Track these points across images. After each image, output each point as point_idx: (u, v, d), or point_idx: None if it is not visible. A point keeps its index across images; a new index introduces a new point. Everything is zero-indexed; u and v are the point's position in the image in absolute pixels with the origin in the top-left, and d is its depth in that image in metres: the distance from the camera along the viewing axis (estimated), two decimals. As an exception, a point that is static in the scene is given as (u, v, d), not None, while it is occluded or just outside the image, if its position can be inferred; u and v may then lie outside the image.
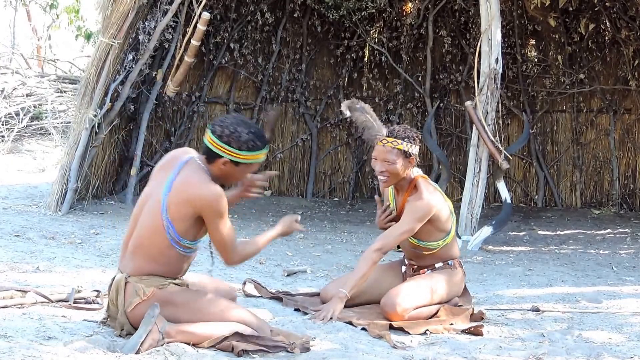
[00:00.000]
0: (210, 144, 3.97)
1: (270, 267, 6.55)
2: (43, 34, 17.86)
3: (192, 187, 3.91)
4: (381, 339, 4.40)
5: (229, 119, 4.01)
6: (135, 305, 3.93)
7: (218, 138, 3.95)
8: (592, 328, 4.90)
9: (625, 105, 11.60)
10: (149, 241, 3.96)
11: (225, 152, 3.95)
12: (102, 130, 8.55)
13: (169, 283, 4.00)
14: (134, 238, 4.02)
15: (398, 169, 4.86)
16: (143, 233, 3.98)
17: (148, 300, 3.92)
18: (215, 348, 3.91)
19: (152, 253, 3.96)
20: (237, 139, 3.94)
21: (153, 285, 3.95)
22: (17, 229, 7.12)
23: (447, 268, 5.08)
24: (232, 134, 3.94)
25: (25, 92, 13.88)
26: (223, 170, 4.00)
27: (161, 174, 4.06)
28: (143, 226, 3.99)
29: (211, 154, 3.99)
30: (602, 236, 9.33)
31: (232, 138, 3.94)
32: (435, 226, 4.95)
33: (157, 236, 3.94)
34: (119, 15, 8.31)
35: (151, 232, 3.95)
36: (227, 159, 3.96)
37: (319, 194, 11.83)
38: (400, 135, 4.89)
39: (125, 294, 3.96)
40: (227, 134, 3.94)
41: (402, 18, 11.78)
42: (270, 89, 11.57)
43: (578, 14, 11.25)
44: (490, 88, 7.94)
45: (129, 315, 3.96)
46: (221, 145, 3.95)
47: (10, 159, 12.07)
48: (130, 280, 3.97)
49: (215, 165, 4.00)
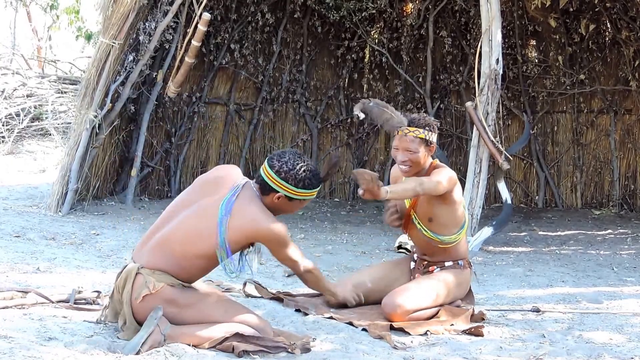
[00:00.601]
0: (267, 178, 4.10)
1: (270, 267, 6.55)
2: (43, 35, 17.86)
3: (255, 221, 4.03)
4: (382, 339, 4.40)
5: (287, 155, 4.15)
6: (144, 297, 3.93)
7: (276, 174, 4.08)
8: (593, 329, 4.89)
9: (626, 106, 11.60)
10: (187, 243, 3.98)
11: (282, 188, 4.09)
12: (103, 131, 8.55)
13: (180, 284, 4.01)
14: (165, 233, 4.04)
15: (420, 157, 4.89)
16: (184, 233, 4.00)
17: (156, 294, 3.92)
18: (215, 349, 3.91)
19: (181, 254, 3.98)
20: (294, 176, 4.09)
21: (164, 281, 3.96)
22: (18, 230, 7.13)
23: (456, 268, 5.07)
24: (290, 171, 4.08)
25: (25, 93, 13.88)
26: (276, 203, 4.14)
27: (211, 188, 4.13)
28: (187, 228, 4.01)
29: (267, 187, 4.11)
30: (603, 237, 9.33)
31: (290, 175, 4.08)
32: (452, 210, 4.96)
33: (201, 243, 3.98)
34: (119, 16, 8.31)
35: (196, 236, 3.98)
36: (282, 194, 4.10)
37: (319, 195, 11.82)
38: (421, 124, 4.92)
39: (134, 284, 3.96)
40: (285, 171, 4.08)
41: (402, 19, 11.78)
42: (271, 89, 11.57)
43: (578, 15, 11.25)
44: (491, 89, 7.94)
45: (135, 307, 3.96)
46: (278, 180, 4.09)
47: (10, 159, 12.07)
48: (142, 271, 3.97)
49: (268, 197, 4.13)
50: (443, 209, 4.95)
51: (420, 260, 5.17)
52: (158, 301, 3.92)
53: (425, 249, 5.12)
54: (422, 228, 5.00)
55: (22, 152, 12.56)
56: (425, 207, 4.98)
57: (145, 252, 4.05)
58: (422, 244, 5.11)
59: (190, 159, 10.96)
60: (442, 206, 4.94)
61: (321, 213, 10.55)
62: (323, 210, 10.83)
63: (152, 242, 4.06)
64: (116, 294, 4.06)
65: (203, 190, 4.14)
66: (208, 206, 4.04)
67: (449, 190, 4.88)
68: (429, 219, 4.98)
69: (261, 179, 4.12)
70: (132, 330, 3.95)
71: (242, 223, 4.00)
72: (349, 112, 11.88)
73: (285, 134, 11.83)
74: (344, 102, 11.97)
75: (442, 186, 4.83)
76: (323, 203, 11.36)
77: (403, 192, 4.73)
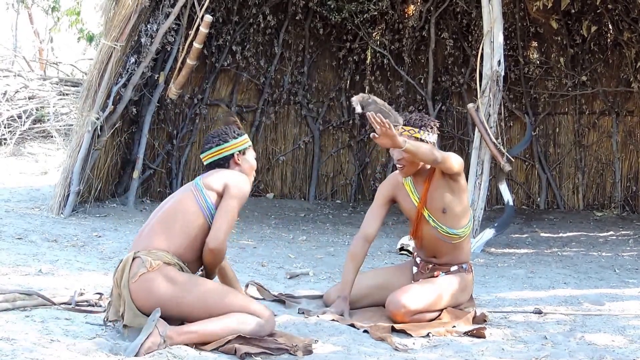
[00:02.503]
0: (214, 156, 4.37)
1: (272, 269, 6.55)
2: (45, 37, 17.89)
3: (222, 172, 4.30)
4: (383, 341, 4.40)
5: (208, 137, 4.43)
6: (140, 276, 3.93)
7: (215, 147, 4.37)
8: (595, 330, 4.89)
9: (628, 107, 11.60)
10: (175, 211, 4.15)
11: (229, 148, 4.37)
12: (105, 133, 8.56)
13: (177, 262, 4.04)
14: (160, 216, 4.19)
15: None
16: (174, 208, 4.18)
17: (153, 271, 3.93)
18: (218, 351, 3.91)
19: (174, 224, 4.10)
20: (224, 136, 4.38)
21: (161, 259, 3.98)
22: (20, 232, 7.13)
23: (461, 272, 5.06)
24: (219, 136, 4.39)
25: (27, 95, 13.89)
26: (240, 166, 4.39)
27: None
28: (175, 203, 4.21)
29: (221, 160, 4.37)
30: (605, 238, 9.32)
31: (221, 138, 4.38)
32: (462, 200, 4.98)
33: (187, 207, 4.14)
34: (121, 18, 8.32)
35: (184, 207, 4.15)
36: (235, 152, 4.36)
37: (321, 197, 11.83)
38: (417, 123, 4.91)
39: (131, 268, 3.98)
40: (216, 140, 4.38)
41: (404, 20, 11.79)
42: (273, 91, 11.58)
43: (580, 16, 11.26)
44: (493, 90, 7.94)
45: (132, 288, 3.95)
46: (221, 148, 4.35)
47: (12, 161, 12.09)
48: (139, 254, 4.01)
49: (231, 168, 4.37)
50: (455, 197, 4.94)
51: (425, 264, 5.14)
52: (156, 280, 3.92)
53: (435, 250, 5.08)
54: (437, 224, 4.97)
55: (24, 154, 12.57)
56: (437, 199, 4.96)
57: (144, 238, 4.13)
58: (433, 244, 5.06)
59: (192, 161, 10.97)
60: (454, 194, 4.93)
61: (323, 215, 10.55)
62: (325, 212, 10.83)
63: (150, 227, 4.17)
64: (115, 289, 4.06)
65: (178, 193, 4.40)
66: (186, 188, 4.30)
67: (459, 172, 4.88)
68: (442, 211, 4.95)
69: (212, 163, 4.37)
70: (131, 315, 3.94)
71: (210, 175, 4.29)
72: (351, 113, 11.89)
73: (287, 136, 11.84)
74: (346, 103, 11.97)
75: (455, 162, 4.82)
76: (325, 205, 11.36)
77: (420, 148, 4.62)
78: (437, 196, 4.95)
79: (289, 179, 11.82)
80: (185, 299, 3.97)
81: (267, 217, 9.96)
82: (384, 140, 4.46)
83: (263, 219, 9.72)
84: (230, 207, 4.14)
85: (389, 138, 4.44)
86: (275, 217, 9.97)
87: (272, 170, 11.74)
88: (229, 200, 4.15)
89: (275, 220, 9.80)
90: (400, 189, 5.12)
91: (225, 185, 4.17)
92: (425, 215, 4.99)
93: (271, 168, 11.72)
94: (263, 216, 9.97)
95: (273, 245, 7.81)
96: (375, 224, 5.10)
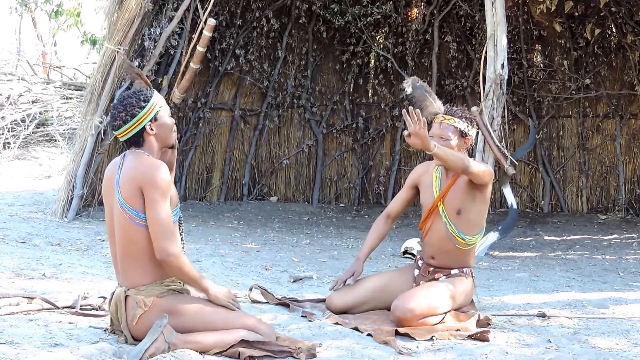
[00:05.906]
0: (126, 134, 4.01)
1: (276, 273, 6.55)
2: (48, 41, 17.92)
3: (132, 167, 3.97)
4: (387, 345, 4.39)
5: (110, 110, 4.08)
6: (139, 317, 3.93)
7: (123, 123, 3.99)
8: (599, 334, 4.88)
9: (632, 111, 11.59)
10: (128, 242, 3.94)
11: (139, 122, 3.99)
12: (108, 136, 8.56)
13: (168, 290, 4.00)
14: (119, 255, 4.02)
15: (453, 146, 4.88)
16: (123, 243, 3.97)
17: (150, 310, 3.92)
18: (222, 355, 3.91)
19: (136, 255, 3.94)
20: (130, 107, 3.98)
21: (152, 294, 3.95)
22: (24, 236, 7.13)
23: (461, 276, 5.05)
24: (124, 109, 3.98)
25: (31, 99, 13.91)
26: (157, 136, 4.05)
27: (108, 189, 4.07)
28: (121, 236, 3.98)
29: (135, 137, 4.02)
30: (609, 241, 9.31)
31: (128, 110, 3.98)
32: (481, 210, 4.98)
33: (130, 232, 3.93)
34: (124, 22, 8.32)
35: (130, 237, 3.94)
36: (146, 123, 4.00)
37: (325, 200, 11.83)
38: (458, 114, 4.97)
39: (126, 307, 3.96)
40: (123, 115, 3.99)
41: (407, 24, 11.80)
42: (276, 95, 11.58)
43: (584, 19, 11.25)
44: (496, 93, 7.93)
45: (132, 329, 3.96)
46: (131, 125, 3.99)
47: (16, 165, 12.10)
48: (129, 293, 3.97)
49: (147, 141, 4.04)
50: (474, 205, 4.94)
51: (426, 266, 5.14)
52: (154, 316, 3.90)
53: (438, 249, 5.07)
54: (447, 222, 4.97)
55: (28, 158, 12.58)
56: (457, 199, 4.96)
57: (122, 274, 4.03)
58: (438, 243, 5.05)
59: (195, 165, 10.98)
60: (474, 202, 4.94)
61: (327, 218, 10.55)
62: (329, 215, 10.83)
63: (119, 261, 4.03)
64: (114, 321, 4.06)
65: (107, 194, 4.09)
66: (113, 200, 4.01)
67: (487, 183, 4.89)
68: (457, 211, 4.96)
69: (126, 141, 4.04)
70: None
71: (123, 178, 3.97)
72: (354, 117, 11.90)
73: (291, 139, 11.84)
74: (349, 107, 11.97)
75: (486, 173, 4.83)
76: (329, 208, 11.36)
77: (450, 154, 4.64)
78: (457, 196, 4.96)
79: (293, 182, 11.82)
80: (187, 324, 3.97)
81: (270, 220, 9.96)
82: (415, 140, 4.47)
83: (267, 223, 9.72)
84: (155, 207, 3.88)
85: (420, 138, 4.45)
86: (278, 221, 9.97)
87: (275, 173, 11.74)
88: (151, 203, 3.88)
89: (278, 223, 9.80)
90: (427, 177, 5.15)
91: (140, 188, 3.89)
92: (439, 209, 5.00)
93: (275, 171, 11.72)
94: (267, 220, 9.97)
95: (277, 249, 7.81)
96: (399, 205, 5.26)
